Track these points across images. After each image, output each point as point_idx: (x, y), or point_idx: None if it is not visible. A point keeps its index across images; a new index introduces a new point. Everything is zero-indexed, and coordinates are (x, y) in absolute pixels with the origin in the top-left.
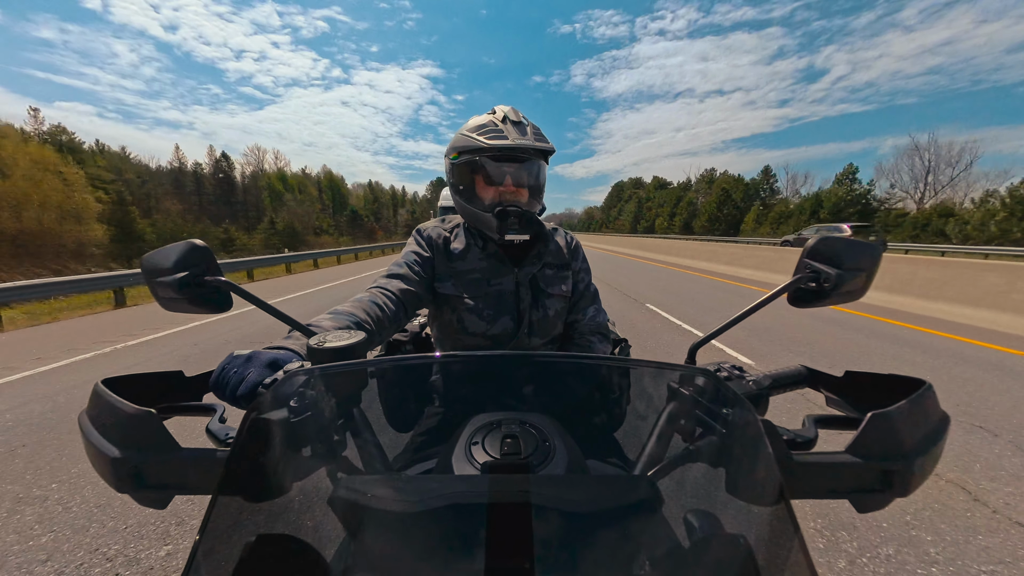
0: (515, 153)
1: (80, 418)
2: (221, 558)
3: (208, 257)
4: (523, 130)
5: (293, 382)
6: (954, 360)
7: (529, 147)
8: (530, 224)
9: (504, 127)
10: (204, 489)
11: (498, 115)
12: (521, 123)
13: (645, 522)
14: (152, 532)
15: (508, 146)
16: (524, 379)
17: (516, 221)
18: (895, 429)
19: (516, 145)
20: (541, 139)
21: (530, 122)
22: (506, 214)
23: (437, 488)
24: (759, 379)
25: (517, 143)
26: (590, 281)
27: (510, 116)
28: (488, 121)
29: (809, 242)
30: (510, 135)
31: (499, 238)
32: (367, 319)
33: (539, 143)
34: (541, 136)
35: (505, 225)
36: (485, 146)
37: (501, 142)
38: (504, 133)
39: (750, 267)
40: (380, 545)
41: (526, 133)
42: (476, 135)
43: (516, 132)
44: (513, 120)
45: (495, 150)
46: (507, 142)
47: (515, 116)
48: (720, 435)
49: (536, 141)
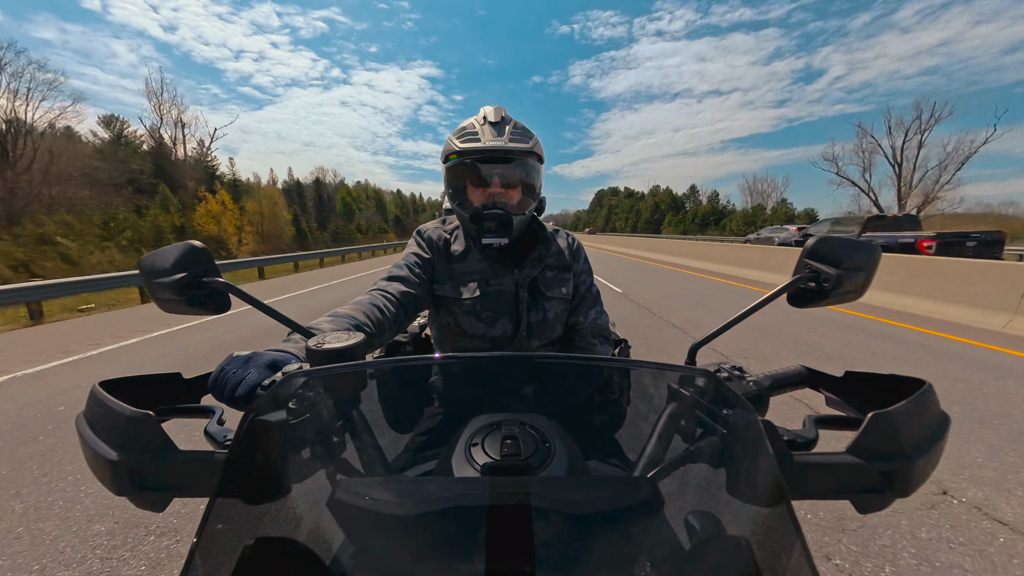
0: (490, 155)
1: (77, 420)
2: (219, 561)
3: (207, 258)
4: (500, 131)
5: (292, 384)
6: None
7: (500, 149)
8: (507, 228)
9: (481, 129)
10: (202, 491)
11: (479, 116)
12: (500, 123)
13: (646, 523)
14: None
15: (478, 148)
16: (524, 380)
17: (493, 226)
18: (896, 430)
19: (487, 148)
20: (519, 139)
21: (513, 121)
22: (481, 217)
23: (437, 490)
24: (759, 380)
25: (488, 145)
26: (591, 283)
27: (489, 116)
28: (470, 123)
29: (809, 242)
30: (484, 137)
31: (479, 247)
32: (367, 321)
33: (514, 143)
34: (520, 136)
35: (481, 228)
36: (458, 149)
37: (472, 145)
38: (478, 135)
39: (666, 252)
40: (380, 548)
41: (503, 134)
42: (455, 138)
43: (492, 133)
44: (492, 121)
45: (466, 153)
46: (477, 144)
47: (495, 116)
48: (720, 436)
49: (512, 142)
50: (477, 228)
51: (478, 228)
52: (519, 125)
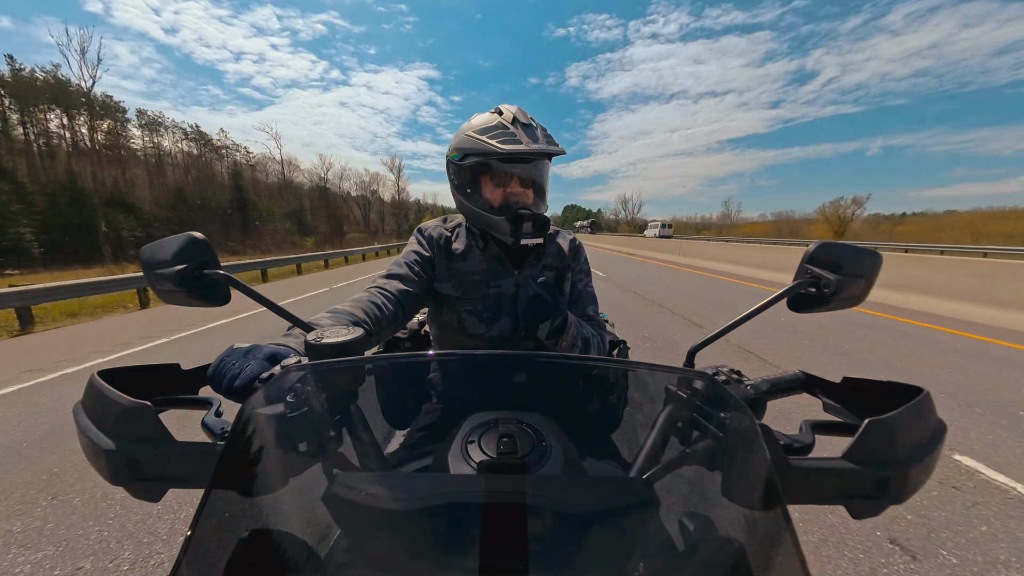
0: (526, 156)
1: (75, 409)
2: (213, 553)
3: (207, 250)
4: (534, 133)
5: (290, 377)
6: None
7: (543, 152)
8: (544, 228)
9: (515, 130)
10: (198, 483)
11: (506, 116)
12: (531, 125)
13: (640, 524)
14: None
15: (522, 151)
16: (522, 379)
17: (531, 225)
18: (892, 436)
19: (531, 150)
20: (552, 142)
21: (539, 123)
22: (520, 218)
23: (433, 486)
24: (757, 383)
25: (531, 148)
26: (589, 282)
27: (519, 118)
28: (496, 123)
29: (810, 247)
30: (523, 139)
31: (513, 242)
32: (366, 319)
33: (551, 147)
34: (551, 139)
35: (519, 229)
36: (499, 151)
37: (514, 147)
38: (516, 137)
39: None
40: (374, 543)
41: (537, 137)
42: (486, 138)
43: (527, 136)
44: (523, 123)
45: (508, 155)
46: (521, 147)
47: (524, 118)
48: (717, 439)
49: (548, 145)
50: (513, 228)
51: (514, 228)
52: (543, 127)
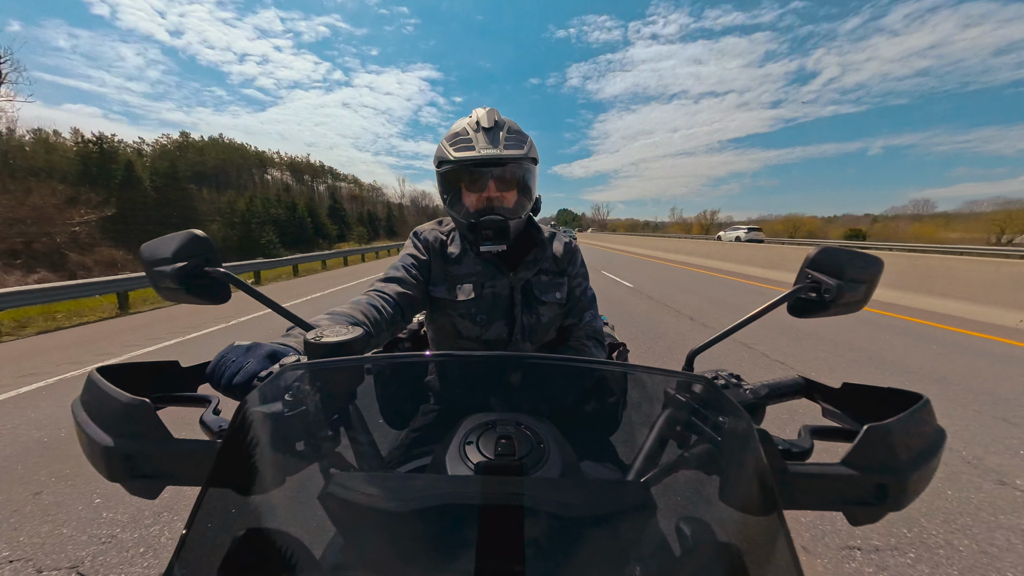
0: (484, 164)
1: (73, 406)
2: (208, 552)
3: (208, 247)
4: (494, 137)
5: (289, 375)
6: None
7: (495, 158)
8: (504, 234)
9: (475, 136)
10: (195, 480)
11: (471, 121)
12: (493, 129)
13: (638, 528)
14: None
15: (472, 158)
16: (520, 381)
17: (490, 233)
18: (891, 442)
19: (481, 157)
20: (513, 145)
21: (507, 124)
22: (476, 227)
23: (430, 487)
24: (756, 388)
25: (483, 154)
26: (587, 286)
27: (483, 122)
28: (462, 129)
29: (811, 252)
30: (478, 145)
31: (475, 250)
32: (365, 321)
33: (509, 151)
34: (514, 141)
35: (479, 237)
36: (452, 158)
37: (466, 154)
38: (472, 143)
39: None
40: (370, 543)
41: (497, 141)
42: (448, 145)
43: (486, 140)
44: (485, 126)
45: (460, 162)
46: (472, 154)
47: (488, 121)
48: (715, 443)
49: (507, 149)
50: (475, 236)
51: (475, 236)
52: (513, 128)
